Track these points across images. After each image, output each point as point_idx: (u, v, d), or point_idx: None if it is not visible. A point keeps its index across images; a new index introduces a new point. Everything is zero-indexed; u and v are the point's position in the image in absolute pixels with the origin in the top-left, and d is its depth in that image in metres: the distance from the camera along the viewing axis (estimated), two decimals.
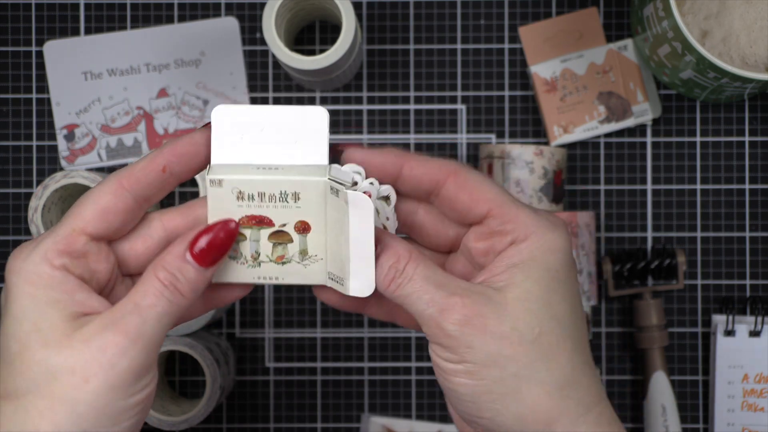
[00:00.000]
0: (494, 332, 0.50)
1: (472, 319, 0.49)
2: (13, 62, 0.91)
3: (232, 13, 0.91)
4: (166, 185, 0.52)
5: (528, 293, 0.50)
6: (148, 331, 0.49)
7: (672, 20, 0.79)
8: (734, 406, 0.88)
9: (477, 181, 0.52)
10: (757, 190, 0.90)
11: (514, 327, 0.50)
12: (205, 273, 0.50)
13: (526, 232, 0.52)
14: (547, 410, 0.50)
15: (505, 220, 0.52)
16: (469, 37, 0.91)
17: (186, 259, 0.50)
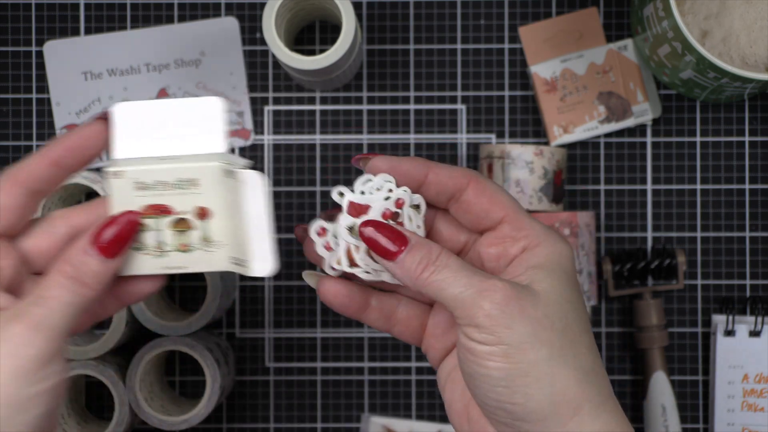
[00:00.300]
0: (531, 315, 0.52)
1: (512, 300, 0.52)
2: (13, 62, 0.91)
3: (232, 13, 0.91)
4: (57, 178, 0.54)
5: (553, 288, 0.54)
6: (52, 322, 0.50)
7: (672, 20, 0.79)
8: (734, 406, 0.88)
9: (494, 189, 0.56)
10: (757, 190, 0.90)
11: (546, 314, 0.53)
12: (108, 264, 0.52)
13: (537, 239, 0.55)
14: (575, 394, 0.52)
15: (519, 227, 0.55)
16: (469, 37, 0.91)
17: (88, 252, 0.52)
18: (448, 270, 0.53)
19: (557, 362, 0.52)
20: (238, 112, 0.91)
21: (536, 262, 0.54)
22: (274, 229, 0.91)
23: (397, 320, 0.59)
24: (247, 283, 0.91)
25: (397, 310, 0.59)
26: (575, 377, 0.52)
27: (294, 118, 0.91)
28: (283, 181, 0.91)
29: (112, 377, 0.83)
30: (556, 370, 0.52)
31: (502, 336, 0.52)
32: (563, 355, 0.52)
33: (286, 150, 0.91)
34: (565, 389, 0.52)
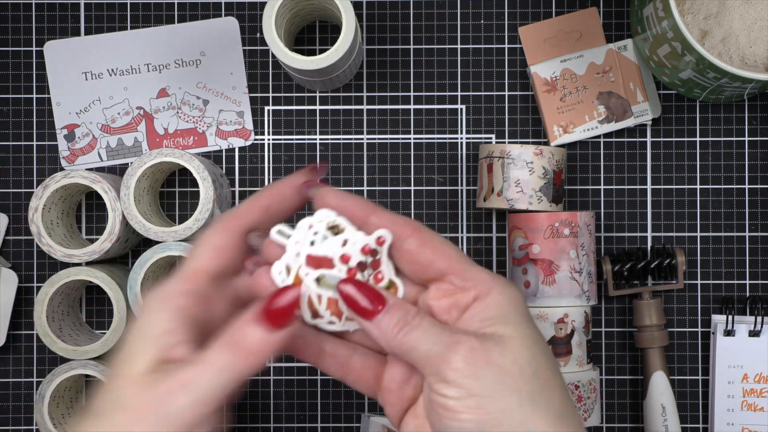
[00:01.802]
0: (498, 364, 0.53)
1: (478, 351, 0.53)
2: (13, 62, 0.91)
3: (232, 13, 0.91)
4: (266, 223, 0.57)
5: (518, 333, 0.55)
6: (203, 385, 0.52)
7: (672, 20, 0.79)
8: (734, 406, 0.88)
9: (438, 241, 0.56)
10: (757, 190, 0.90)
11: (514, 361, 0.54)
12: (271, 337, 0.53)
13: (487, 287, 0.55)
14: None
15: (465, 277, 0.56)
16: (469, 37, 0.91)
17: (254, 323, 0.53)
18: (420, 329, 0.54)
19: (529, 407, 0.53)
20: (238, 112, 0.91)
21: (494, 310, 0.55)
22: None
23: (351, 368, 0.59)
24: None
25: (351, 358, 0.59)
26: (548, 421, 0.53)
27: (294, 118, 0.91)
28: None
29: None
30: (529, 415, 0.53)
31: (471, 388, 0.53)
32: (535, 400, 0.53)
33: (286, 150, 0.91)
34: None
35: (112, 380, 0.54)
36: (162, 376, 0.52)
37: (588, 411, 0.84)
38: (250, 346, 0.53)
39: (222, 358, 0.53)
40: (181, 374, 0.52)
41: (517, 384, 0.53)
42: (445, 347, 0.53)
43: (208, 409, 0.52)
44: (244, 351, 0.53)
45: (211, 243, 0.57)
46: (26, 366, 0.90)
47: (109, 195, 0.83)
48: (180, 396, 0.52)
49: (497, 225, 0.91)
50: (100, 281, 0.83)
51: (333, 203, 0.57)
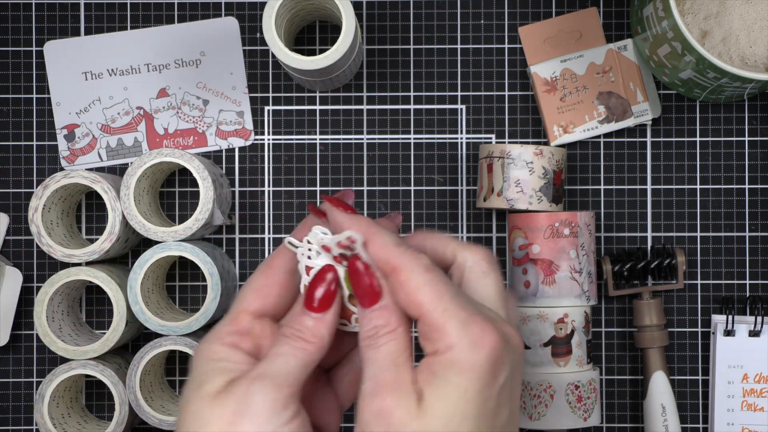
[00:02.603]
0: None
1: (384, 415, 0.54)
2: (13, 62, 0.91)
3: (232, 13, 0.91)
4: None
5: (432, 411, 0.54)
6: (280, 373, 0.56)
7: (672, 20, 0.79)
8: (734, 406, 0.88)
9: (416, 285, 0.56)
10: (757, 190, 0.90)
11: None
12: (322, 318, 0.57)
13: (447, 344, 0.55)
14: None
15: (432, 329, 0.55)
16: (469, 37, 0.91)
17: (303, 312, 0.58)
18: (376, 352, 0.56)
19: None
20: (238, 112, 0.91)
21: (435, 369, 0.55)
22: (272, 229, 0.91)
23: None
24: None
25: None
26: None
27: (294, 118, 0.91)
28: (283, 181, 0.91)
29: (112, 377, 0.83)
30: None
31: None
32: None
33: (286, 150, 0.91)
34: None
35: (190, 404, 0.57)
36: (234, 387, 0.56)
37: (588, 411, 0.84)
38: (307, 332, 0.57)
39: (285, 348, 0.56)
40: (251, 372, 0.56)
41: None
42: (369, 393, 0.55)
43: (286, 395, 0.55)
44: (303, 337, 0.57)
45: (253, 284, 0.60)
46: (26, 366, 0.90)
47: (109, 195, 0.83)
48: (255, 387, 0.55)
49: (497, 225, 0.91)
50: (100, 281, 0.83)
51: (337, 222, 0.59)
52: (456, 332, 0.55)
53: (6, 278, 0.88)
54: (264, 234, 0.91)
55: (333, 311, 0.58)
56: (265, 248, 0.90)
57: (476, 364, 0.54)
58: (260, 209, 0.91)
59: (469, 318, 0.55)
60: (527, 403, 0.83)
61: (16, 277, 0.88)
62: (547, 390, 0.83)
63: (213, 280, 0.83)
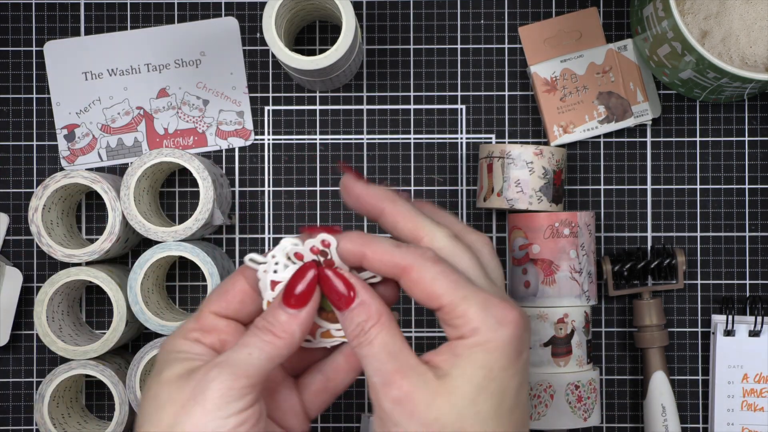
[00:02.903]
0: (420, 418, 0.54)
1: (405, 400, 0.55)
2: (13, 62, 0.91)
3: (232, 13, 0.91)
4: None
5: (460, 388, 0.55)
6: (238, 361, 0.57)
7: (672, 20, 0.79)
8: (734, 406, 0.88)
9: (430, 278, 0.56)
10: (757, 189, 0.90)
11: (437, 418, 0.54)
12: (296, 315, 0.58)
13: (472, 328, 0.56)
14: None
15: (454, 315, 0.56)
16: (469, 37, 0.91)
17: (279, 306, 0.58)
18: (371, 348, 0.56)
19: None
20: (238, 112, 0.91)
21: (459, 352, 0.55)
22: (272, 229, 0.91)
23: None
24: None
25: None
26: None
27: (294, 118, 0.91)
28: (283, 181, 0.91)
29: (112, 377, 0.83)
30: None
31: (390, 430, 0.55)
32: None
33: (286, 150, 0.91)
34: None
35: (150, 390, 0.58)
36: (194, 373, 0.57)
37: (588, 411, 0.84)
38: (279, 327, 0.58)
39: (252, 339, 0.57)
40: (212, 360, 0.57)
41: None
42: (381, 383, 0.56)
43: (243, 385, 0.56)
44: (273, 331, 0.58)
45: (219, 289, 0.61)
46: (26, 366, 0.90)
47: (109, 195, 0.83)
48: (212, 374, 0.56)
49: (497, 225, 0.91)
50: (100, 281, 0.83)
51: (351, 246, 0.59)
52: (479, 315, 0.55)
53: (6, 278, 0.88)
54: (264, 234, 0.91)
55: (308, 310, 0.58)
56: (265, 248, 0.90)
57: (502, 343, 0.55)
58: (260, 209, 0.91)
59: (488, 300, 0.56)
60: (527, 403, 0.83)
61: (16, 277, 0.88)
62: (547, 390, 0.83)
63: (213, 280, 0.83)
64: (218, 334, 0.60)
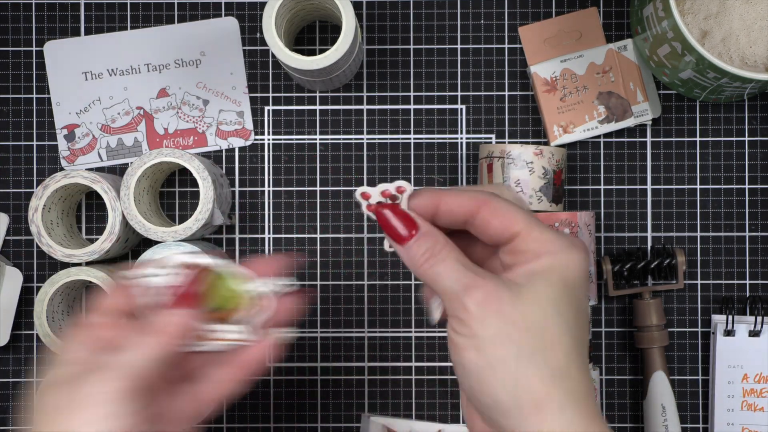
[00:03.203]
0: (506, 315, 0.56)
1: (491, 299, 0.56)
2: (13, 62, 0.91)
3: (232, 13, 0.91)
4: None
5: (541, 293, 0.57)
6: (121, 362, 0.59)
7: (672, 20, 0.79)
8: (734, 406, 0.88)
9: (506, 208, 0.59)
10: (757, 190, 0.90)
11: (524, 315, 0.56)
12: (180, 316, 0.62)
13: (548, 248, 0.58)
14: (539, 394, 0.55)
15: (532, 239, 0.58)
16: (469, 37, 0.91)
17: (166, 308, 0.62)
18: (446, 264, 0.58)
19: (525, 361, 0.56)
20: (238, 112, 0.91)
21: (537, 268, 0.57)
22: (272, 229, 0.91)
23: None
24: None
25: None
26: (540, 377, 0.55)
27: (294, 118, 0.91)
28: (283, 181, 0.91)
29: None
30: (522, 369, 0.55)
31: (476, 330, 0.56)
32: (533, 355, 0.56)
33: (286, 150, 0.91)
34: (528, 387, 0.55)
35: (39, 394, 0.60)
36: (75, 377, 0.59)
37: None
38: (165, 327, 0.61)
39: (137, 340, 0.60)
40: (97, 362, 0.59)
41: (520, 337, 0.56)
42: (462, 288, 0.57)
43: (127, 388, 0.58)
44: (160, 331, 0.61)
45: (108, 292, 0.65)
46: (26, 366, 0.90)
47: (109, 195, 0.83)
48: (95, 377, 0.58)
49: None
50: (100, 281, 0.83)
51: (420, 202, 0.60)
52: (555, 238, 0.58)
53: (6, 278, 0.88)
54: (264, 234, 0.91)
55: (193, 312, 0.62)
56: (265, 248, 0.90)
57: (576, 262, 0.58)
58: (260, 209, 0.91)
59: (557, 232, 0.60)
60: None
61: (16, 277, 0.88)
62: None
63: None
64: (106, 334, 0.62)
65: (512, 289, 0.57)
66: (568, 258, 0.58)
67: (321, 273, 0.90)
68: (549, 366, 0.56)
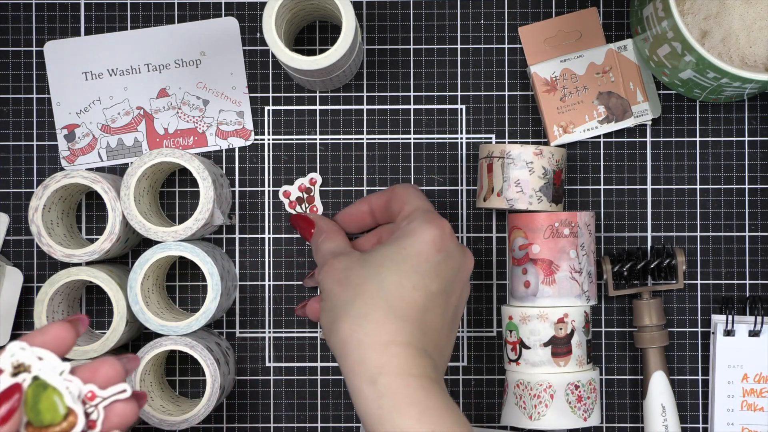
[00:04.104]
0: (353, 283, 0.75)
1: (339, 272, 0.76)
2: (13, 62, 0.91)
3: (232, 13, 0.91)
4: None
5: (384, 255, 0.75)
6: None
7: (672, 20, 0.79)
8: (734, 406, 0.88)
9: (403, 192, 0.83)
10: (757, 189, 0.90)
11: (366, 276, 0.74)
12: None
13: (409, 219, 0.78)
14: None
15: (402, 216, 0.80)
16: (469, 37, 0.91)
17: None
18: (319, 250, 0.82)
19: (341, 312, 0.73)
20: (238, 112, 0.91)
21: (396, 237, 0.77)
22: (272, 229, 0.91)
23: None
24: (247, 283, 0.91)
25: None
26: (349, 323, 0.72)
27: (294, 118, 0.91)
28: (283, 181, 0.91)
29: None
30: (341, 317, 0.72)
31: (323, 299, 0.77)
32: (348, 307, 0.72)
33: (286, 150, 0.91)
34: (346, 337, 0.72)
35: None
36: None
37: (588, 411, 0.84)
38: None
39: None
40: None
41: (343, 292, 0.74)
42: (320, 267, 0.80)
43: None
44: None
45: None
46: None
47: (109, 195, 0.83)
48: None
49: (497, 225, 0.91)
50: (100, 281, 0.83)
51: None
52: (412, 216, 0.78)
53: (6, 278, 0.88)
54: (264, 234, 0.91)
55: (7, 428, 0.60)
56: (266, 248, 0.90)
57: (428, 239, 0.76)
58: (260, 209, 0.91)
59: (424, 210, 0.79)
60: (527, 403, 0.83)
61: (16, 277, 0.88)
62: (547, 390, 0.83)
63: (213, 280, 0.83)
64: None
65: (359, 260, 0.75)
66: (421, 231, 0.75)
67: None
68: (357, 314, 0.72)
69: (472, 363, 0.91)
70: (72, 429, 0.62)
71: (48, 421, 0.61)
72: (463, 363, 0.91)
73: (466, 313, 0.91)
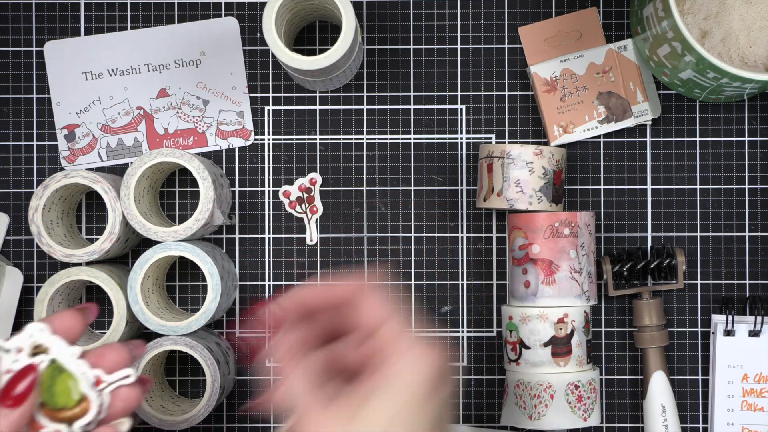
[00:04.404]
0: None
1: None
2: (13, 62, 0.91)
3: (232, 13, 0.91)
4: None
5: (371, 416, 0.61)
6: None
7: (672, 20, 0.79)
8: (734, 406, 0.88)
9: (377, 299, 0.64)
10: (757, 189, 0.90)
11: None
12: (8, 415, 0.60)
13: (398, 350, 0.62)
14: None
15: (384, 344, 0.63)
16: (469, 37, 0.91)
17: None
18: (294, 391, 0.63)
19: None
20: (238, 112, 0.91)
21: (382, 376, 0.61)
22: (272, 229, 0.91)
23: None
24: (247, 283, 0.91)
25: None
26: None
27: (294, 118, 0.91)
28: (283, 181, 0.91)
29: None
30: None
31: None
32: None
33: (286, 150, 0.91)
34: None
35: None
36: None
37: (588, 411, 0.84)
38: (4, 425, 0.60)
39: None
40: None
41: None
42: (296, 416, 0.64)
43: None
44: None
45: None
46: None
47: (109, 195, 0.83)
48: None
49: (497, 225, 0.91)
50: (100, 281, 0.83)
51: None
52: (404, 345, 0.62)
53: (6, 278, 0.88)
54: (264, 234, 0.91)
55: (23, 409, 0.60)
56: (266, 248, 0.91)
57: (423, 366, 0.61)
58: (260, 209, 0.91)
59: (415, 339, 0.62)
60: (527, 403, 0.83)
61: (16, 277, 0.88)
62: (547, 390, 0.83)
63: (213, 280, 0.83)
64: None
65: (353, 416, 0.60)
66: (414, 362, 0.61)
67: (321, 273, 0.90)
68: None
69: (472, 363, 0.91)
70: (84, 415, 0.62)
71: (62, 404, 0.62)
72: (463, 363, 0.91)
73: (467, 313, 0.91)
